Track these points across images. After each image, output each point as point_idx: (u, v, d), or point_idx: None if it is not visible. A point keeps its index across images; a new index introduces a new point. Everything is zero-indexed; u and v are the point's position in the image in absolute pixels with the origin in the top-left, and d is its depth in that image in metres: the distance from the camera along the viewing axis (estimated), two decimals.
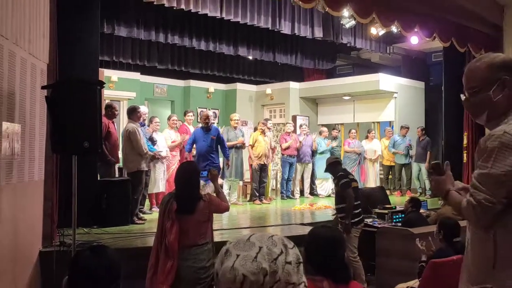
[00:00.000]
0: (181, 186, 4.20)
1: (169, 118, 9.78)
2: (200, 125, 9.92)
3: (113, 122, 7.91)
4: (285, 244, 1.36)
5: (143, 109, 8.59)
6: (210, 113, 7.78)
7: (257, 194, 10.42)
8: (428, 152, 11.87)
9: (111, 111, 7.74)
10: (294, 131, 12.11)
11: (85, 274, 1.93)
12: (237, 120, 10.45)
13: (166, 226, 4.05)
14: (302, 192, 11.80)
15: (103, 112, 7.66)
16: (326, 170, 6.97)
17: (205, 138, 8.77)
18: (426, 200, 8.47)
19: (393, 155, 12.24)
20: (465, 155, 11.74)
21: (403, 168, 12.28)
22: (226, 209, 4.45)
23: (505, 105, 2.19)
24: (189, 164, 4.72)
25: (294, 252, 1.36)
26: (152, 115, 9.79)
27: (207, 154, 8.72)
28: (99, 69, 7.79)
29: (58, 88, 4.59)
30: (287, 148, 11.13)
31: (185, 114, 10.51)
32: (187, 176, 4.21)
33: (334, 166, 6.63)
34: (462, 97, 2.37)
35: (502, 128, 2.10)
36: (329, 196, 11.63)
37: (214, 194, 4.49)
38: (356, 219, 6.20)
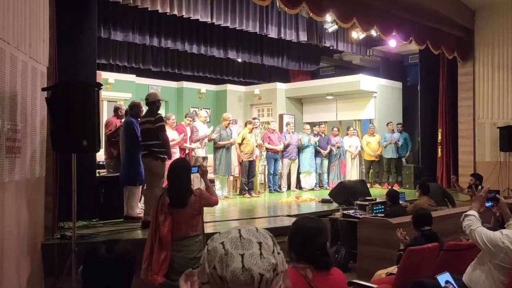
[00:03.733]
0: (173, 181, 4.15)
1: (168, 118, 9.25)
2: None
3: (121, 121, 7.86)
4: (270, 235, 1.32)
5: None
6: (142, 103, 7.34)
7: (246, 188, 10.41)
8: None
9: (120, 112, 8.04)
10: (281, 129, 12.07)
11: (100, 268, 1.91)
12: (230, 120, 10.44)
13: (159, 219, 4.01)
14: (289, 186, 11.75)
15: (113, 113, 8.21)
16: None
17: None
18: (404, 192, 8.46)
19: (376, 151, 12.23)
20: (439, 149, 11.84)
21: (391, 162, 12.22)
22: (216, 203, 4.40)
23: None
24: (181, 160, 4.67)
25: (275, 241, 1.32)
26: None
27: None
28: (97, 71, 7.71)
29: (58, 89, 4.56)
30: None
31: (185, 116, 10.30)
32: (179, 172, 4.14)
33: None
34: None
35: None
36: (312, 189, 11.65)
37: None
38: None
